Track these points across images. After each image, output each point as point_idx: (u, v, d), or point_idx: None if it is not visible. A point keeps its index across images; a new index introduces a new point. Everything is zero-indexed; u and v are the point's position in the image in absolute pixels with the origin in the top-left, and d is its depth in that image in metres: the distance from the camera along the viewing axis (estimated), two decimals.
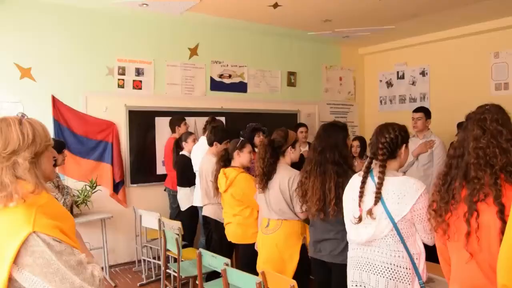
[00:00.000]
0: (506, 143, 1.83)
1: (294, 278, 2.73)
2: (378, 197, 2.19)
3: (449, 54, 6.63)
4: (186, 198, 5.03)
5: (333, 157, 2.69)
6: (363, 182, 2.31)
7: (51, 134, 4.80)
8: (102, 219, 4.90)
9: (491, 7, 5.26)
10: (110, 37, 5.41)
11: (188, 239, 4.99)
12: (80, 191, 4.78)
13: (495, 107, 1.95)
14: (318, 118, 7.26)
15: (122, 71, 5.49)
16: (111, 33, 5.42)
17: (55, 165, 3.64)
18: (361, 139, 5.60)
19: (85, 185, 4.93)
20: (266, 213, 3.21)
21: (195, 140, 5.08)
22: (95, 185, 4.95)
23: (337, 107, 7.62)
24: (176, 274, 4.00)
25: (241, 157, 3.67)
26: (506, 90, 5.98)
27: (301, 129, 5.89)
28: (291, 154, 3.21)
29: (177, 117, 5.56)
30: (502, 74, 6.04)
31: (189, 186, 4.99)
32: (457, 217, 1.87)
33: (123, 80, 5.50)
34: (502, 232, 1.69)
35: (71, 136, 5.11)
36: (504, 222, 1.69)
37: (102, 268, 4.99)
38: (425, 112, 4.76)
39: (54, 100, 5.03)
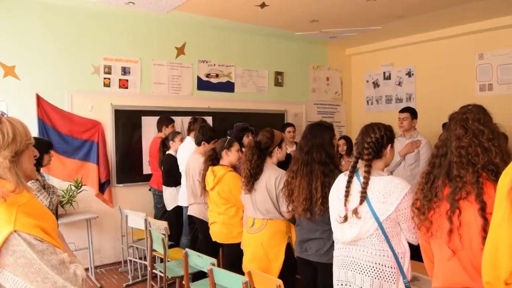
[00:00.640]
0: (488, 142, 1.87)
1: (279, 277, 2.73)
2: (364, 197, 2.21)
3: (434, 55, 6.70)
4: (172, 197, 5.00)
5: (320, 157, 2.70)
6: (349, 182, 2.32)
7: (36, 133, 4.79)
8: (88, 219, 4.85)
9: (476, 9, 5.33)
10: (96, 35, 5.36)
11: (174, 239, 4.96)
12: (65, 191, 4.73)
13: (477, 107, 1.99)
14: (305, 118, 7.28)
15: (108, 70, 5.44)
16: (97, 31, 5.37)
17: (41, 165, 3.60)
18: (346, 138, 5.65)
19: (70, 185, 4.88)
20: (251, 212, 3.21)
21: (182, 140, 5.06)
22: (80, 185, 4.91)
23: (324, 107, 7.65)
24: (162, 275, 3.97)
25: (230, 156, 3.67)
26: (490, 91, 6.07)
27: (289, 129, 5.91)
28: (277, 154, 3.22)
29: (166, 118, 5.53)
30: (486, 75, 6.12)
31: (175, 186, 4.96)
32: (440, 215, 1.90)
33: (109, 79, 5.45)
34: (483, 229, 1.72)
35: (56, 135, 5.04)
36: (485, 219, 1.72)
37: (88, 269, 4.97)
38: (411, 112, 4.80)
39: (39, 98, 4.96)
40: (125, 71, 5.57)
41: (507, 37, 5.86)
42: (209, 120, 6.02)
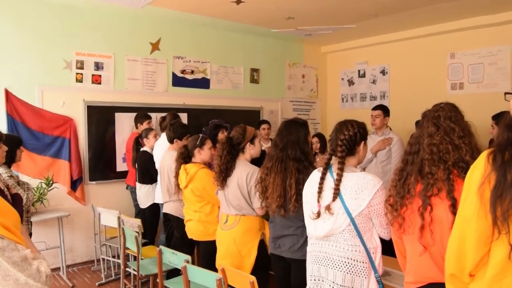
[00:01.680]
0: (459, 139, 1.91)
1: (253, 273, 2.73)
2: (337, 193, 2.22)
3: (408, 54, 6.82)
4: (148, 195, 4.94)
5: (295, 154, 2.70)
6: (322, 178, 2.34)
7: (5, 129, 4.65)
8: (59, 218, 4.76)
9: (448, 9, 5.44)
10: (68, 30, 5.23)
11: (150, 237, 4.92)
12: (35, 189, 4.61)
13: (449, 105, 2.03)
14: (281, 115, 7.31)
15: (80, 65, 5.33)
16: (69, 25, 5.24)
17: (14, 161, 3.51)
18: (320, 136, 5.69)
19: (41, 182, 4.78)
20: (225, 209, 3.20)
21: (156, 136, 5.00)
22: (51, 182, 4.81)
23: (299, 104, 7.69)
24: (136, 273, 3.93)
25: (202, 154, 3.65)
26: (461, 90, 6.21)
27: (263, 126, 5.93)
28: (250, 150, 3.21)
29: (142, 114, 5.45)
30: (457, 74, 6.26)
31: (151, 183, 4.91)
32: (412, 211, 1.94)
33: (81, 74, 5.34)
34: None
35: (26, 131, 4.91)
36: (456, 216, 1.76)
37: (59, 268, 4.87)
38: (384, 110, 4.87)
39: (8, 94, 4.82)
40: (98, 66, 5.46)
41: (477, 37, 6.00)
42: (184, 116, 5.98)
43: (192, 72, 6.30)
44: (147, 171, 4.89)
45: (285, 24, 6.21)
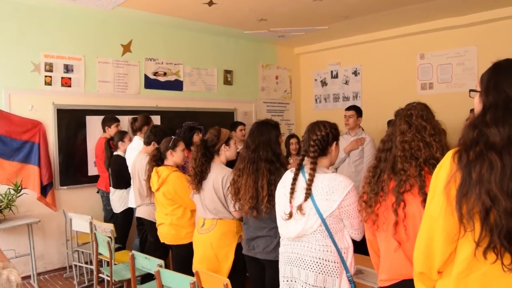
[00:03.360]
0: (429, 137, 1.97)
1: (229, 277, 2.72)
2: (308, 194, 2.23)
3: (379, 55, 6.92)
4: (122, 199, 4.87)
5: (266, 155, 2.71)
6: (295, 179, 2.34)
7: None
8: (29, 224, 4.63)
9: (416, 11, 5.55)
10: (35, 31, 5.10)
11: (123, 242, 4.84)
12: (3, 196, 4.48)
13: (421, 104, 2.10)
14: (255, 116, 7.31)
15: (49, 68, 5.20)
16: (37, 27, 5.11)
17: None
18: (298, 137, 5.72)
19: (9, 188, 4.64)
20: (201, 212, 3.18)
21: (130, 139, 4.93)
22: (20, 188, 4.67)
23: (273, 105, 7.71)
24: (109, 279, 3.86)
25: (175, 156, 3.61)
26: (431, 90, 6.34)
27: (240, 127, 5.93)
28: (225, 152, 3.19)
29: (109, 118, 5.35)
30: (427, 75, 6.40)
31: (126, 188, 4.83)
32: (386, 208, 1.97)
33: (50, 77, 5.22)
34: None
35: None
36: None
37: (30, 276, 4.74)
38: (356, 110, 4.94)
39: None
40: (67, 68, 5.35)
41: (445, 38, 6.15)
42: (157, 119, 5.92)
43: (165, 74, 6.24)
44: (121, 176, 4.81)
45: (258, 26, 6.22)
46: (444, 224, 1.43)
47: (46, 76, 5.19)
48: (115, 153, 4.98)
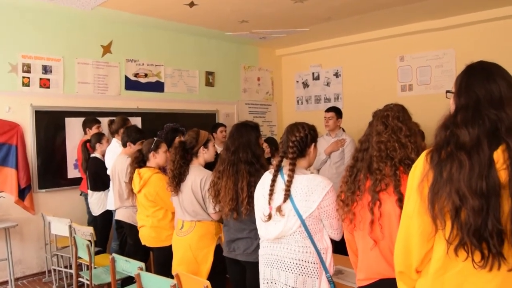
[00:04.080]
0: (405, 138, 2.01)
1: (209, 278, 2.72)
2: (287, 195, 2.24)
3: (360, 56, 6.99)
4: (100, 202, 4.81)
5: (246, 157, 2.71)
6: (273, 180, 2.35)
7: None
8: (6, 228, 4.54)
9: (397, 14, 5.63)
10: (13, 31, 5.01)
11: (103, 245, 4.78)
12: None
13: (398, 106, 2.14)
14: (237, 118, 7.30)
15: (27, 69, 5.12)
16: (14, 27, 5.02)
17: None
18: (269, 141, 5.66)
19: None
20: (180, 215, 3.16)
21: (108, 141, 4.88)
22: None
23: (255, 107, 7.72)
24: (89, 283, 3.82)
25: (157, 158, 3.60)
26: (410, 91, 6.43)
27: (221, 128, 5.92)
28: (204, 155, 3.19)
29: (90, 119, 5.28)
30: (406, 77, 6.49)
31: (104, 190, 4.78)
32: (362, 207, 2.00)
33: (28, 78, 5.13)
34: None
35: None
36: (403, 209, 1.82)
37: (7, 281, 4.65)
38: (336, 112, 4.98)
39: None
40: (46, 69, 5.27)
41: (424, 41, 6.24)
42: (138, 121, 5.86)
43: (146, 75, 6.20)
44: (98, 177, 4.76)
45: (239, 27, 6.22)
46: (419, 223, 1.46)
47: (24, 77, 5.10)
48: (92, 155, 4.91)
